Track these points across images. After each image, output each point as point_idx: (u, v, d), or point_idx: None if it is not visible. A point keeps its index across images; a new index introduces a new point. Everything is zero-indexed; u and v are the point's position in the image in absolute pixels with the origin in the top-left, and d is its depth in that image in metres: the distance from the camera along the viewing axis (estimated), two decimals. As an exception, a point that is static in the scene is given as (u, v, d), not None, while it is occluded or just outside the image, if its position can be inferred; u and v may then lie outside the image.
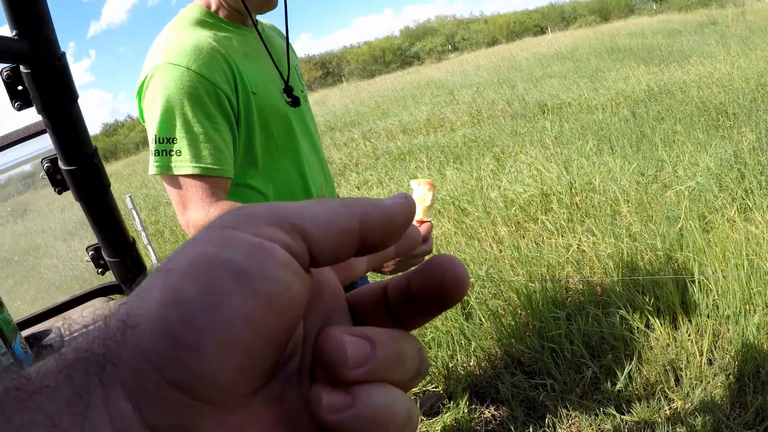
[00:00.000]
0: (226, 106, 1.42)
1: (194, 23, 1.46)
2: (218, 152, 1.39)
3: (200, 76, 1.35)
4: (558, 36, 29.94)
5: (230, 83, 1.43)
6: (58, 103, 1.31)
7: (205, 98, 1.36)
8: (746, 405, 2.39)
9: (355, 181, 7.52)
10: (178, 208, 1.40)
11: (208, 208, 1.36)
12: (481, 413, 2.76)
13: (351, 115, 15.11)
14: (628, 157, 5.50)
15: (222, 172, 1.40)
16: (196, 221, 1.37)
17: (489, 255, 4.05)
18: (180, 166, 1.36)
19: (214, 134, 1.38)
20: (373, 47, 62.74)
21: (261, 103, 1.51)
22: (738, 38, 13.10)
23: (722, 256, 3.22)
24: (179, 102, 1.34)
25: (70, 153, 1.41)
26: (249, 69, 1.50)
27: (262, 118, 1.52)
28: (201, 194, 1.37)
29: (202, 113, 1.36)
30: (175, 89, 1.34)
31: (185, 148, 1.35)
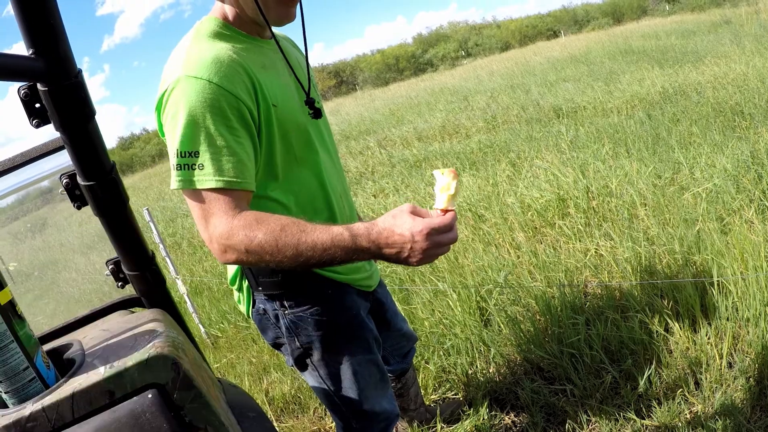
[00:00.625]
0: (248, 118, 1.42)
1: (212, 35, 1.47)
2: (241, 165, 1.39)
3: (222, 89, 1.36)
4: (571, 39, 29.91)
5: (251, 95, 1.43)
6: (75, 120, 1.33)
7: (227, 111, 1.37)
8: (767, 408, 2.38)
9: (371, 190, 7.55)
10: (201, 222, 1.40)
11: (232, 220, 1.36)
12: (501, 420, 2.76)
13: (366, 123, 15.18)
14: (645, 159, 5.47)
15: (245, 185, 1.40)
16: (219, 234, 1.36)
17: (507, 261, 4.05)
18: (203, 180, 1.36)
19: (236, 147, 1.38)
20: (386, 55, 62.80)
21: (281, 115, 1.52)
22: (752, 37, 12.99)
23: (741, 258, 3.20)
24: (201, 115, 1.34)
25: (89, 169, 1.43)
26: (268, 81, 1.50)
27: (282, 131, 1.53)
28: (224, 207, 1.37)
29: (224, 126, 1.37)
30: (197, 103, 1.34)
31: (208, 161, 1.35)
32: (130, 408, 1.08)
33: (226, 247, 1.37)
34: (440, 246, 1.29)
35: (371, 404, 1.87)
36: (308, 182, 1.66)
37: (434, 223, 1.26)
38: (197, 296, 5.49)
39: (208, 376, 1.46)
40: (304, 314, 1.69)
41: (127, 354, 1.16)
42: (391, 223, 1.29)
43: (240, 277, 1.75)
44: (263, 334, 1.84)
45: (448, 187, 1.31)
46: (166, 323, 1.40)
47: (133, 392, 1.10)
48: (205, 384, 1.27)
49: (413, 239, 1.26)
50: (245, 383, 3.55)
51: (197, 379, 1.19)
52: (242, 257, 1.37)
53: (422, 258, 1.29)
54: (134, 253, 1.65)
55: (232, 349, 4.20)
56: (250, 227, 1.34)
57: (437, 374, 3.12)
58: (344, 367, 1.79)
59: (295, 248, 1.32)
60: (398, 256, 1.31)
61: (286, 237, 1.33)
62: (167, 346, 1.17)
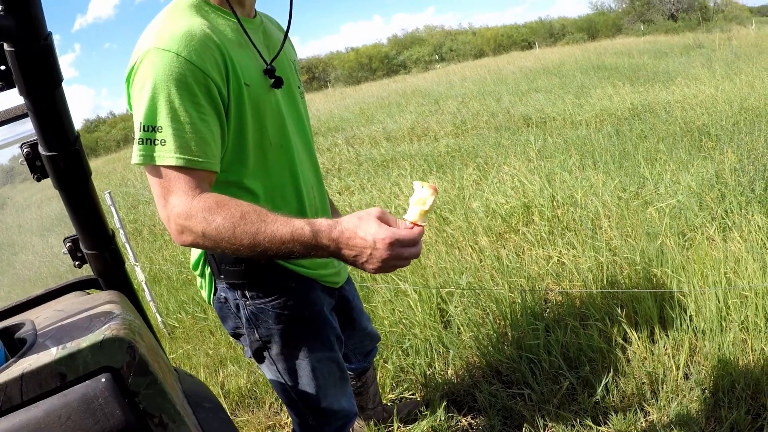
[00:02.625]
0: (216, 96, 1.38)
1: (190, 9, 1.43)
2: (204, 144, 1.35)
3: (190, 63, 1.32)
4: (545, 51, 30.20)
5: (221, 73, 1.39)
6: (41, 85, 1.28)
7: (193, 86, 1.33)
8: (721, 419, 2.41)
9: (336, 187, 7.52)
10: (160, 199, 1.35)
11: (191, 201, 1.31)
12: (458, 422, 2.76)
13: (335, 121, 15.13)
14: (611, 173, 5.54)
15: (207, 165, 1.36)
16: (177, 214, 1.31)
17: (469, 264, 4.05)
18: (163, 156, 1.31)
19: (201, 125, 1.34)
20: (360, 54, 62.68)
21: (254, 95, 1.48)
22: (723, 62, 13.28)
23: (700, 273, 3.24)
24: (166, 89, 1.30)
25: (52, 138, 1.38)
26: (243, 60, 1.47)
27: (255, 112, 1.49)
28: (184, 186, 1.33)
29: (189, 102, 1.32)
30: (163, 76, 1.30)
31: (170, 137, 1.31)
32: (81, 392, 1.04)
33: (183, 227, 1.32)
34: (400, 258, 1.26)
35: (329, 402, 1.84)
36: (279, 170, 1.62)
37: (399, 235, 1.24)
38: (156, 285, 5.40)
39: (164, 363, 1.42)
40: (266, 306, 1.65)
41: (80, 335, 1.11)
42: (356, 225, 1.26)
43: (203, 263, 1.70)
44: (223, 323, 1.79)
45: (424, 202, 1.29)
46: (123, 306, 1.35)
47: (85, 375, 1.06)
48: (161, 370, 1.23)
49: (374, 246, 1.23)
50: (201, 375, 3.49)
51: (153, 365, 1.14)
52: (199, 240, 1.33)
53: (379, 267, 1.27)
54: (94, 231, 1.60)
55: (188, 340, 4.13)
56: (210, 210, 1.30)
57: (395, 374, 3.10)
58: (303, 363, 1.75)
59: (253, 237, 1.28)
60: (355, 260, 1.28)
61: (245, 225, 1.28)
62: (123, 328, 1.13)
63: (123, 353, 1.08)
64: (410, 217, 1.29)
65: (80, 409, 1.02)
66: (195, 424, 1.34)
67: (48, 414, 1.01)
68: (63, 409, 1.01)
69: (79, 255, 1.68)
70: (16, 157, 1.99)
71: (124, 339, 1.09)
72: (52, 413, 1.01)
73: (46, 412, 1.01)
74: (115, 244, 1.66)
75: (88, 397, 1.03)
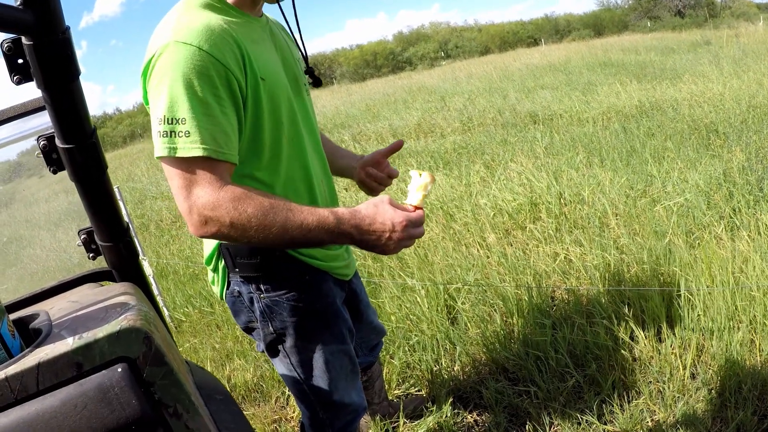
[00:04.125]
0: (236, 89, 1.39)
1: (203, 6, 1.44)
2: (225, 136, 1.36)
3: (212, 57, 1.33)
4: (551, 48, 30.06)
5: (240, 66, 1.40)
6: (59, 78, 1.28)
7: (215, 79, 1.34)
8: (727, 420, 2.41)
9: (343, 183, 7.51)
10: (181, 191, 1.35)
11: (218, 192, 1.33)
12: (464, 418, 2.76)
13: (341, 117, 15.12)
14: (618, 170, 5.53)
15: (229, 157, 1.38)
16: (203, 204, 1.33)
17: (476, 261, 4.06)
18: (188, 148, 1.32)
19: (222, 117, 1.36)
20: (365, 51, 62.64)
21: (270, 89, 1.49)
22: (731, 59, 13.20)
23: (708, 272, 3.24)
24: (189, 82, 1.31)
25: (69, 131, 1.38)
26: (258, 54, 1.48)
27: (271, 105, 1.50)
28: (209, 177, 1.34)
29: (212, 95, 1.34)
30: (186, 69, 1.31)
31: (194, 129, 1.31)
32: (98, 381, 1.04)
33: (207, 218, 1.34)
34: (411, 238, 1.41)
35: (340, 395, 1.84)
36: (292, 164, 1.63)
37: (412, 217, 1.40)
38: (163, 279, 5.42)
39: (177, 355, 1.43)
40: (280, 299, 1.66)
41: (96, 326, 1.11)
42: (374, 211, 1.39)
43: (216, 257, 1.71)
44: (235, 318, 1.80)
45: (425, 188, 1.46)
46: (138, 297, 1.36)
47: (101, 365, 1.06)
48: (176, 362, 1.23)
49: (393, 228, 1.38)
50: (208, 369, 3.50)
51: (168, 356, 1.15)
52: (224, 230, 1.35)
53: (396, 247, 1.41)
54: (109, 223, 1.60)
55: (195, 334, 4.15)
56: (239, 200, 1.33)
57: (402, 369, 3.10)
58: (317, 355, 1.76)
59: (282, 226, 1.35)
60: (376, 243, 1.40)
61: (275, 214, 1.35)
62: (140, 319, 1.13)
63: (139, 343, 1.09)
64: (412, 201, 1.45)
65: (96, 399, 1.02)
66: (208, 416, 1.35)
67: (64, 403, 1.01)
68: (79, 398, 1.02)
69: (94, 247, 1.68)
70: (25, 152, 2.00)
71: (140, 329, 1.10)
72: (68, 402, 1.01)
73: (62, 401, 1.01)
74: (129, 236, 1.68)
75: (104, 387, 1.03)
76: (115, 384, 1.04)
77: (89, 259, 1.71)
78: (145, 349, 1.09)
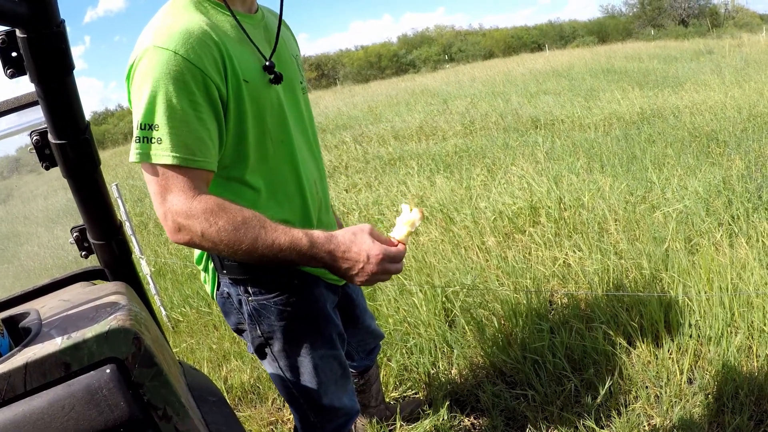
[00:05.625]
0: (214, 94, 1.37)
1: (189, 6, 1.42)
2: (200, 143, 1.35)
3: (187, 62, 1.31)
4: (555, 54, 30.10)
5: (220, 71, 1.38)
6: (53, 72, 1.28)
7: (191, 85, 1.32)
8: (724, 425, 2.40)
9: (344, 184, 7.51)
10: (157, 197, 1.35)
11: (191, 201, 1.32)
12: (461, 421, 2.75)
13: (343, 119, 15.11)
14: (618, 176, 5.52)
15: (203, 164, 1.36)
16: (176, 211, 1.33)
17: (475, 264, 4.05)
18: (160, 155, 1.31)
19: (197, 124, 1.34)
20: (369, 52, 62.69)
21: (254, 92, 1.47)
22: (733, 69, 13.23)
23: (706, 279, 3.24)
24: (164, 87, 1.30)
25: (62, 126, 1.37)
26: (242, 56, 1.46)
27: (255, 108, 1.48)
28: (182, 185, 1.33)
29: (187, 100, 1.32)
30: (161, 74, 1.29)
31: (166, 136, 1.30)
32: (86, 382, 1.03)
33: (180, 226, 1.34)
34: (386, 273, 1.38)
35: (330, 399, 1.83)
36: (281, 166, 1.61)
37: (390, 252, 1.38)
38: (161, 278, 5.40)
39: (169, 355, 1.41)
40: (268, 302, 1.64)
41: (86, 325, 1.10)
42: (351, 240, 1.37)
43: (206, 258, 1.70)
44: (226, 318, 1.78)
45: (412, 224, 1.44)
46: (129, 297, 1.35)
47: (90, 366, 1.05)
48: (166, 363, 1.22)
49: (368, 260, 1.36)
50: (204, 370, 3.49)
51: (158, 357, 1.14)
52: (196, 240, 1.35)
53: (367, 280, 1.39)
54: (101, 220, 1.59)
55: (192, 335, 4.13)
56: (212, 212, 1.32)
57: (399, 372, 3.09)
58: (305, 360, 1.74)
59: (252, 243, 1.33)
60: (347, 272, 1.39)
61: (246, 229, 1.33)
62: (129, 319, 1.12)
63: (128, 344, 1.08)
64: (397, 235, 1.44)
65: (84, 400, 1.01)
66: (199, 418, 1.33)
67: (51, 404, 1.00)
68: (67, 399, 1.01)
69: (86, 245, 1.67)
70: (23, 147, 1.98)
71: (129, 330, 1.09)
72: (55, 403, 1.00)
73: (49, 403, 1.00)
74: (122, 235, 1.66)
75: (92, 388, 1.02)
76: (104, 385, 1.03)
77: (81, 257, 1.69)
78: (134, 350, 1.08)
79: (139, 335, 1.09)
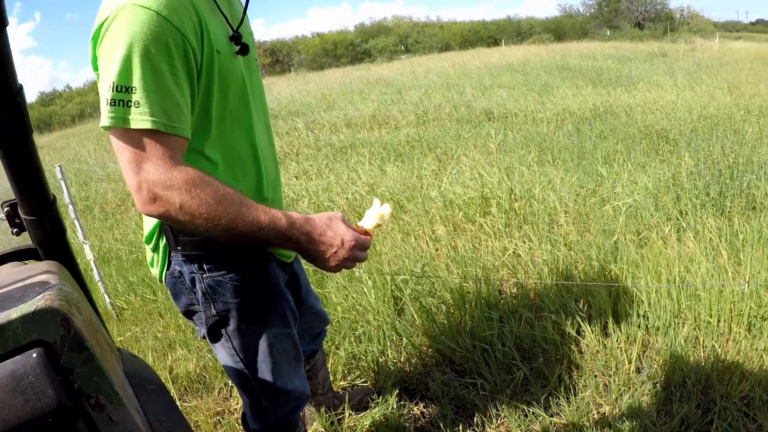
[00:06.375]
0: (191, 60, 1.32)
1: None
2: (178, 109, 1.29)
3: (170, 24, 1.25)
4: (511, 49, 30.29)
5: (197, 37, 1.33)
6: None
7: (172, 48, 1.26)
8: (672, 413, 2.43)
9: (294, 171, 7.43)
10: (131, 166, 1.28)
11: (171, 171, 1.27)
12: (410, 410, 2.72)
13: (296, 105, 14.98)
14: (569, 170, 5.57)
15: (181, 131, 1.31)
16: (153, 182, 1.26)
17: (425, 253, 4.03)
18: (138, 119, 1.24)
19: (175, 89, 1.28)
20: (325, 39, 62.24)
21: (223, 64, 1.43)
22: (685, 72, 13.53)
23: (654, 271, 3.27)
24: (144, 49, 1.22)
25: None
26: (215, 26, 1.41)
27: (221, 80, 1.44)
28: (161, 153, 1.27)
29: (167, 64, 1.26)
30: (142, 34, 1.22)
31: (144, 99, 1.24)
32: (11, 368, 0.95)
33: (156, 196, 1.28)
34: (355, 260, 1.44)
35: (283, 381, 1.79)
36: (239, 140, 1.57)
37: (361, 239, 1.44)
38: (105, 264, 5.24)
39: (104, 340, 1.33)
40: (223, 279, 1.59)
41: (11, 306, 1.02)
42: (327, 224, 1.42)
43: (158, 235, 1.62)
44: (175, 301, 1.72)
45: (381, 217, 1.52)
46: (61, 276, 1.27)
47: (15, 350, 0.97)
48: (100, 348, 1.14)
49: (342, 245, 1.41)
50: (149, 359, 3.38)
51: (90, 341, 1.06)
52: (171, 212, 1.29)
53: (337, 265, 1.43)
54: (33, 195, 1.49)
55: (137, 323, 4.01)
56: (194, 184, 1.28)
57: (347, 360, 3.05)
58: (260, 339, 1.70)
59: (232, 219, 1.32)
60: (321, 255, 1.42)
61: (228, 205, 1.31)
62: (58, 299, 1.04)
63: (56, 326, 1.00)
64: (365, 224, 1.51)
65: (8, 387, 0.94)
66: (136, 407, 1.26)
67: None
68: None
69: (17, 221, 1.57)
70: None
71: (58, 310, 1.01)
72: None
73: None
74: (56, 210, 1.56)
75: (17, 374, 0.95)
76: (30, 371, 0.96)
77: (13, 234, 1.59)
78: (62, 333, 1.00)
79: (68, 317, 1.01)
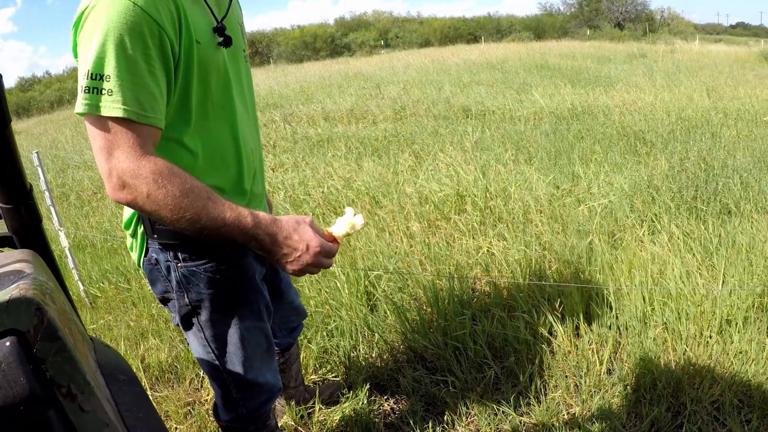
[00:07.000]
0: (168, 50, 1.32)
1: None
2: (152, 98, 1.29)
3: (146, 14, 1.25)
4: (491, 46, 30.37)
5: (175, 27, 1.33)
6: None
7: (147, 38, 1.27)
8: (642, 415, 2.44)
9: (270, 163, 7.38)
10: (102, 152, 1.28)
11: (140, 160, 1.27)
12: (380, 405, 2.71)
13: (274, 97, 14.90)
14: (545, 169, 5.59)
15: (154, 121, 1.31)
16: (122, 169, 1.27)
17: (399, 249, 4.01)
18: (110, 107, 1.25)
19: (149, 78, 1.29)
20: (305, 32, 62.02)
21: (204, 53, 1.42)
22: (664, 73, 13.65)
23: (627, 272, 3.29)
24: (119, 38, 1.23)
25: (-33, 71, 1.24)
26: (196, 15, 1.40)
27: (202, 71, 1.43)
28: (131, 141, 1.27)
29: (142, 54, 1.27)
30: (117, 23, 1.23)
31: (117, 88, 1.24)
32: None
33: (125, 183, 1.28)
34: (318, 266, 1.43)
35: (255, 374, 1.78)
36: (221, 132, 1.57)
37: (327, 246, 1.42)
38: (80, 252, 5.17)
39: (78, 330, 1.30)
40: (198, 269, 1.59)
41: None
42: (294, 227, 1.40)
43: (136, 222, 1.62)
44: (152, 287, 1.71)
45: (352, 227, 1.50)
46: (36, 265, 1.24)
47: None
48: (73, 338, 1.12)
49: (306, 250, 1.39)
50: (121, 347, 3.34)
51: (63, 331, 1.03)
52: (139, 201, 1.29)
53: (300, 269, 1.42)
54: (9, 183, 1.46)
55: (110, 311, 3.95)
56: (161, 174, 1.28)
57: (319, 355, 3.03)
58: (232, 330, 1.70)
59: (197, 213, 1.31)
60: (284, 257, 1.41)
61: (194, 198, 1.31)
62: (33, 289, 1.02)
63: (30, 316, 0.97)
64: (335, 231, 1.49)
65: None
66: (107, 397, 1.24)
67: None
68: None
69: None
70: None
71: (32, 300, 0.98)
72: None
73: None
74: (32, 199, 1.54)
75: None
76: (2, 359, 0.93)
77: None
78: (36, 322, 0.98)
79: (42, 306, 0.99)
